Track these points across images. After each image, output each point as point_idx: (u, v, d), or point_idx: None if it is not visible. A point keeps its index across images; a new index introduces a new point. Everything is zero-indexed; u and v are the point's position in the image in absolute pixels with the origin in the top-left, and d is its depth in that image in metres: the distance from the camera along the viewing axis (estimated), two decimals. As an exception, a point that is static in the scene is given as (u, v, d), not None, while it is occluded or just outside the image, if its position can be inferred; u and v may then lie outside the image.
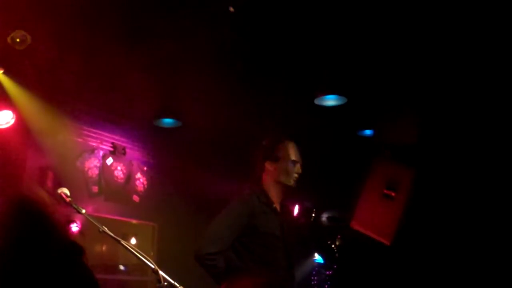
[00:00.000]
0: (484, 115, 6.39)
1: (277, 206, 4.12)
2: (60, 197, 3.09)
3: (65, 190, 3.15)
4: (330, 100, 6.19)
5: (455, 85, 6.00)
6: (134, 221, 8.11)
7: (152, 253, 7.94)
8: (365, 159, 7.80)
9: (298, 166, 4.15)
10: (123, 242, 3.01)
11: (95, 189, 7.39)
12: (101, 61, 5.55)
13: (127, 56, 5.49)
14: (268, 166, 4.12)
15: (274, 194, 4.13)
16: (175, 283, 2.98)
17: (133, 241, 8.07)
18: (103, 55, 5.43)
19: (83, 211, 3.09)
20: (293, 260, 4.12)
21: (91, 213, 6.15)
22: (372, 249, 7.35)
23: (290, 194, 4.32)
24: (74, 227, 6.67)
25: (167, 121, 6.91)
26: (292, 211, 4.35)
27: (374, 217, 6.36)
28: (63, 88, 6.06)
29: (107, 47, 5.31)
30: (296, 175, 4.14)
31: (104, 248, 7.80)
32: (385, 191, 6.38)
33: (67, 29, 4.99)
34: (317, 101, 6.18)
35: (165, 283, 2.98)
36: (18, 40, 5.01)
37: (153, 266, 2.99)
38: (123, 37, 5.16)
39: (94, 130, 7.37)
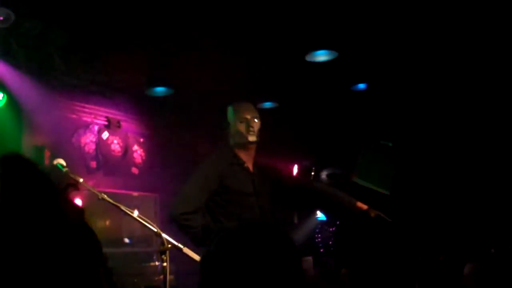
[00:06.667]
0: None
1: (249, 165, 4.12)
2: (56, 168, 3.08)
3: (61, 161, 3.14)
4: (321, 56, 6.14)
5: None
6: (135, 194, 8.09)
7: (155, 224, 7.94)
8: (360, 113, 7.80)
9: (249, 121, 4.10)
10: (122, 207, 3.02)
11: (93, 164, 7.35)
12: (86, 34, 5.49)
13: (114, 28, 5.44)
14: (228, 130, 4.17)
15: (243, 155, 4.13)
16: (178, 244, 2.99)
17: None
18: (89, 27, 5.38)
19: (81, 180, 3.08)
20: (267, 217, 4.11)
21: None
22: (374, 201, 7.38)
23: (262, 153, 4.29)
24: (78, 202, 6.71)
25: (159, 90, 6.86)
26: (274, 171, 4.35)
27: (373, 169, 6.38)
28: (52, 64, 6.00)
29: (92, 19, 5.25)
30: (251, 130, 4.10)
31: (107, 222, 7.80)
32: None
33: (50, 3, 4.93)
34: (308, 58, 6.14)
35: (169, 245, 3.00)
36: (1, 18, 4.95)
37: (155, 230, 3.01)
38: (107, 9, 5.09)
39: (87, 105, 7.29)
